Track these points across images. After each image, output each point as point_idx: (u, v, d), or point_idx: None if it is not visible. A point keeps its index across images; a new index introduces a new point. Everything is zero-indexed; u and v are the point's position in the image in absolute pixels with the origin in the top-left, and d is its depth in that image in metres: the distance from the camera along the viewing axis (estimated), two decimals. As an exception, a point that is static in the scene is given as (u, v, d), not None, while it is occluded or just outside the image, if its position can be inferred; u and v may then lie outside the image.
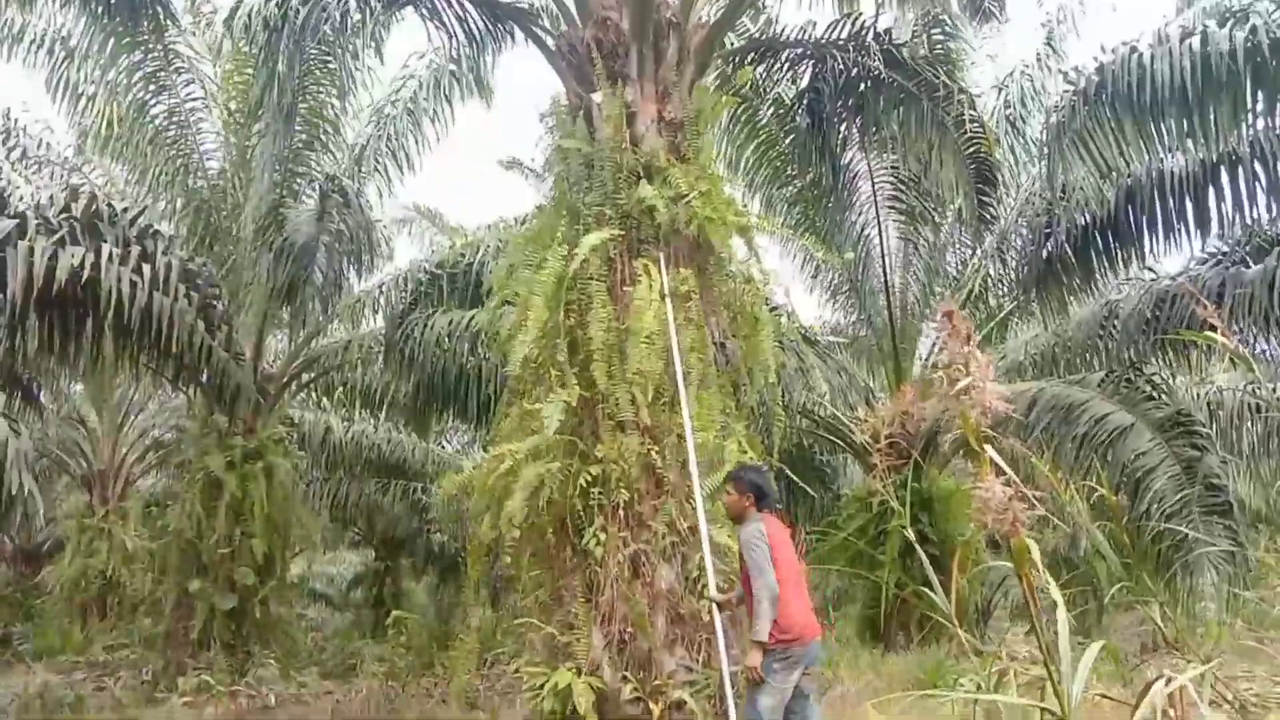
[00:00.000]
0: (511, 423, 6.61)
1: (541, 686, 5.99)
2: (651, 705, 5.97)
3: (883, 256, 11.86)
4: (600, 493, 6.24)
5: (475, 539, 6.35)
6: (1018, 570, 2.97)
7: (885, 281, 11.87)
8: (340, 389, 14.08)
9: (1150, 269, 11.32)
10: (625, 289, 6.52)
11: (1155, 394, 9.79)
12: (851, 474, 14.62)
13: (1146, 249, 10.01)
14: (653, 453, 6.30)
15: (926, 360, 12.19)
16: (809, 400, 11.82)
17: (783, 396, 8.75)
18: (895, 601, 10.16)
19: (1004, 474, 2.88)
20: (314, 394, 14.39)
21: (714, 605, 5.51)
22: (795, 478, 10.38)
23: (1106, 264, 10.32)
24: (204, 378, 10.30)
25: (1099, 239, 10.16)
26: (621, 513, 6.26)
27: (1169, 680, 2.99)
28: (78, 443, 14.49)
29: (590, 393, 6.34)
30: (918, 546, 5.11)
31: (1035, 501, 2.88)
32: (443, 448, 17.50)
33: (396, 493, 15.89)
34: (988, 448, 2.98)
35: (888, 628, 10.48)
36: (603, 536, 6.18)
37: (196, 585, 10.26)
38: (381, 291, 11.48)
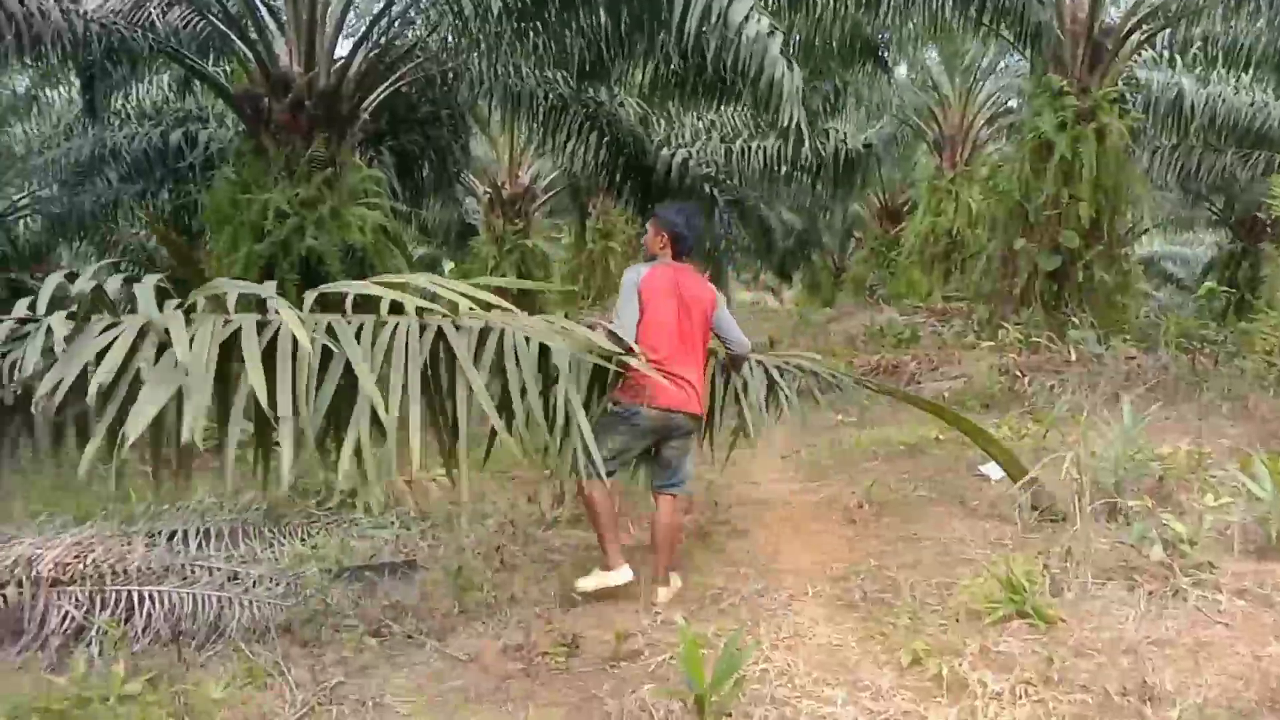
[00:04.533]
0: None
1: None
2: None
3: None
4: None
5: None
6: None
7: None
8: (1197, 45, 12.46)
9: None
10: None
11: None
12: None
13: None
14: None
15: None
16: None
17: None
18: None
19: None
20: (1167, 52, 12.98)
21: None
22: None
23: None
24: (1040, 37, 10.06)
25: None
26: None
27: None
28: (930, 108, 15.56)
29: None
30: None
31: None
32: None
33: (1259, 165, 13.80)
34: None
35: None
36: None
37: (1021, 244, 10.69)
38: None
